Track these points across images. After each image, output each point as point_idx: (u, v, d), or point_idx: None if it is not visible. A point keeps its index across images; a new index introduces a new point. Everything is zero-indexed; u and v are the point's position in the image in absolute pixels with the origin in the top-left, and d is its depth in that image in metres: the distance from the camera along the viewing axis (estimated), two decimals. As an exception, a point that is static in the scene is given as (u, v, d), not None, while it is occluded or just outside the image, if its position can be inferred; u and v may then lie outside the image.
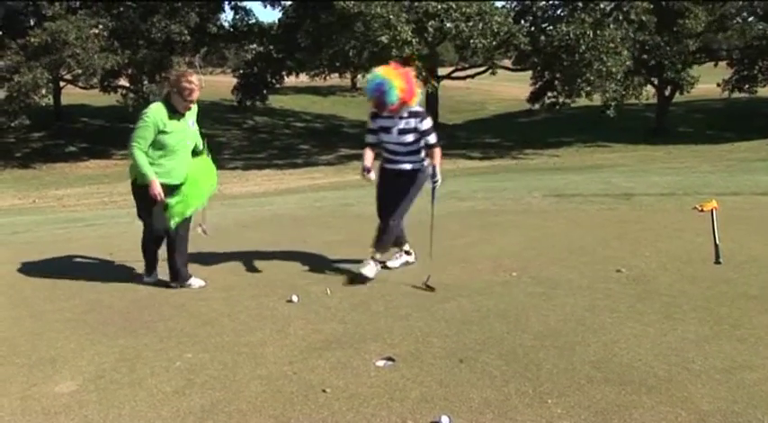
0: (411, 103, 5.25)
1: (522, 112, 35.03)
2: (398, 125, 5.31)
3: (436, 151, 5.38)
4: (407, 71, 5.28)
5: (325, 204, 10.44)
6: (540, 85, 32.02)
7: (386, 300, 4.95)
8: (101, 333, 4.48)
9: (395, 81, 5.10)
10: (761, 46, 31.40)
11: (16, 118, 26.00)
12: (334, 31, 26.72)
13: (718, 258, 5.56)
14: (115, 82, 30.31)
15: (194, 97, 5.17)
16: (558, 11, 31.70)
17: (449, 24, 26.88)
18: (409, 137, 5.34)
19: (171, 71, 27.55)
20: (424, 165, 5.49)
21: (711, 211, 5.92)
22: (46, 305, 5.10)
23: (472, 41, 26.85)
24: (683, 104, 37.51)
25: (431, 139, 5.38)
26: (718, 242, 5.64)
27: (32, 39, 24.98)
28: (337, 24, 26.36)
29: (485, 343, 4.05)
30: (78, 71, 27.46)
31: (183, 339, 4.32)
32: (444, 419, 3.12)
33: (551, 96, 30.86)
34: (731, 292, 4.82)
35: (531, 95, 32.79)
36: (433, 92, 32.54)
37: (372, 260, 5.44)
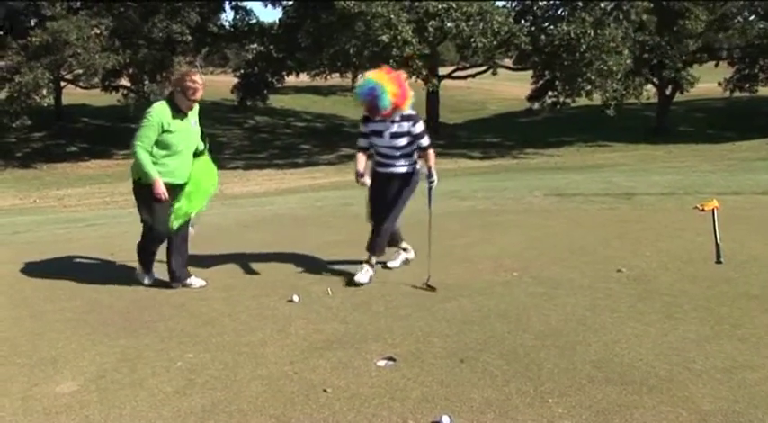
0: (403, 108, 5.21)
1: (523, 111, 34.97)
2: (391, 129, 5.28)
3: (430, 153, 5.37)
4: (399, 75, 5.22)
5: (326, 204, 10.44)
6: (541, 84, 31.99)
7: (387, 300, 4.95)
8: (102, 333, 4.48)
9: (387, 85, 5.04)
10: (762, 45, 31.37)
11: (17, 118, 25.98)
12: (334, 30, 26.72)
13: (719, 258, 5.56)
14: (116, 82, 30.31)
15: (198, 96, 5.14)
16: (559, 10, 31.68)
17: (449, 24, 26.86)
18: (402, 140, 5.31)
19: (175, 70, 27.62)
20: (416, 167, 5.49)
21: (712, 210, 5.92)
22: (47, 305, 5.10)
23: (473, 41, 26.83)
24: (683, 104, 37.47)
25: (423, 141, 5.36)
26: (719, 242, 5.64)
27: (33, 38, 24.99)
28: (338, 24, 26.35)
29: (486, 343, 4.05)
30: (79, 71, 27.46)
31: (183, 339, 4.32)
32: (445, 419, 3.11)
33: (552, 96, 30.85)
34: (732, 292, 4.82)
35: (531, 95, 32.75)
36: (433, 91, 32.55)
37: (367, 264, 5.43)
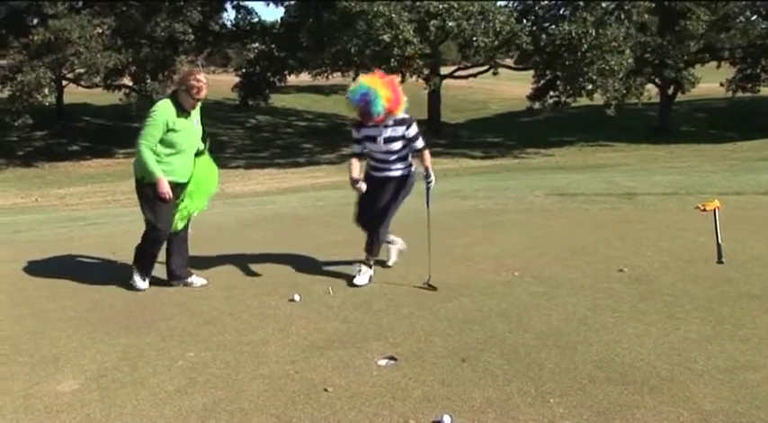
0: (397, 113, 5.19)
1: (525, 111, 34.96)
2: (384, 133, 5.25)
3: (425, 153, 5.36)
4: (392, 80, 5.19)
5: (328, 203, 10.45)
6: (543, 84, 31.97)
7: (388, 299, 4.95)
8: (103, 332, 4.48)
9: (381, 91, 5.01)
10: (764, 45, 31.35)
11: (19, 117, 26.00)
12: (336, 29, 26.73)
13: (720, 258, 5.56)
14: (118, 80, 30.31)
15: (202, 95, 5.11)
16: (561, 10, 31.65)
17: (451, 23, 26.86)
18: (397, 144, 5.30)
19: (177, 69, 27.62)
20: (412, 170, 5.49)
21: (714, 210, 5.91)
22: (48, 304, 5.11)
23: (475, 40, 26.83)
24: (685, 104, 37.45)
25: (418, 144, 5.35)
26: (720, 242, 5.63)
27: (36, 36, 24.99)
28: (340, 23, 26.36)
29: (487, 342, 4.05)
30: (81, 70, 27.46)
31: (185, 338, 4.32)
32: (446, 419, 3.11)
33: (553, 96, 30.83)
34: (734, 292, 4.82)
35: (532, 94, 32.72)
36: (435, 90, 32.57)
37: (365, 265, 5.43)
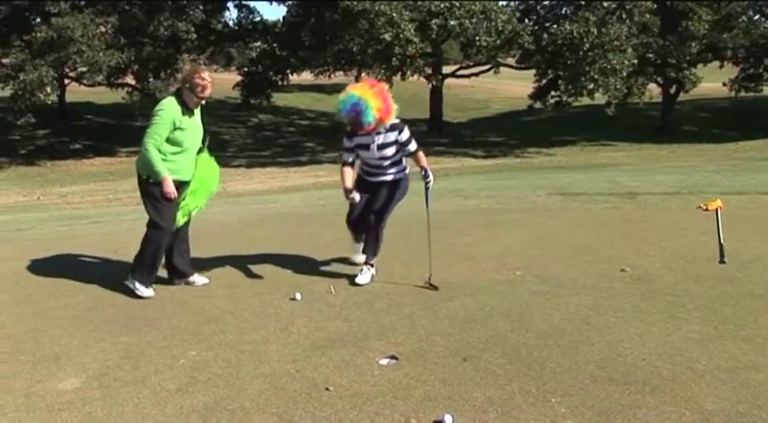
0: (387, 121, 5.18)
1: (527, 110, 34.94)
2: (377, 141, 5.24)
3: (420, 155, 5.36)
4: (382, 88, 5.16)
5: (330, 202, 10.43)
6: (544, 83, 31.93)
7: (389, 298, 4.95)
8: (104, 330, 4.49)
9: (371, 100, 4.99)
10: (767, 44, 31.29)
11: (22, 116, 26.01)
12: (338, 28, 26.73)
13: (722, 258, 5.55)
14: (121, 79, 30.33)
15: (207, 94, 5.07)
16: (563, 9, 31.61)
17: (452, 22, 26.83)
18: (390, 150, 5.30)
19: (180, 68, 27.63)
20: (406, 173, 5.51)
21: (716, 210, 5.90)
22: (50, 302, 5.11)
23: (477, 40, 26.82)
24: (688, 103, 37.39)
25: (411, 147, 5.35)
26: (722, 241, 5.62)
27: (38, 34, 25.01)
28: (342, 22, 26.37)
29: (488, 342, 4.05)
30: (83, 69, 27.48)
31: (186, 337, 4.33)
32: (448, 418, 3.11)
33: (555, 95, 30.80)
34: (736, 292, 4.81)
35: (534, 93, 32.68)
36: (437, 87, 32.57)
37: (366, 265, 5.43)
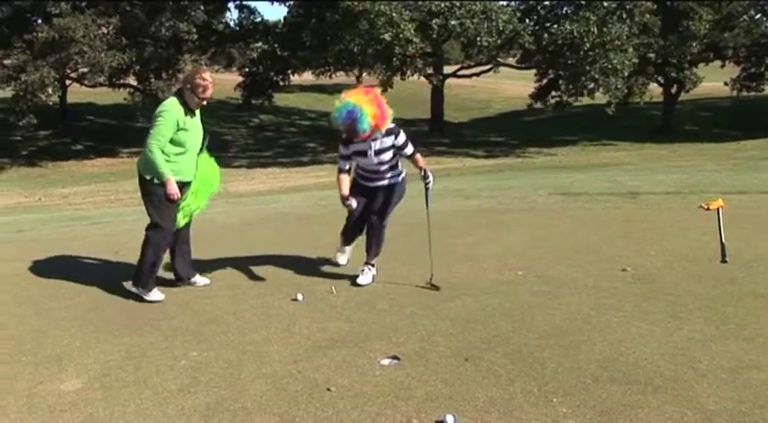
0: (383, 128, 5.17)
1: (528, 110, 34.93)
2: (374, 146, 5.24)
3: (417, 156, 5.37)
4: (377, 95, 5.14)
5: (331, 203, 10.42)
6: (545, 83, 31.91)
7: (391, 298, 4.95)
8: (106, 331, 4.49)
9: (366, 108, 4.98)
10: (768, 44, 31.29)
11: (24, 117, 26.02)
12: (339, 28, 26.75)
13: (724, 257, 5.54)
14: (123, 79, 30.35)
15: (208, 94, 5.04)
16: (564, 9, 31.58)
17: (453, 22, 26.83)
18: (387, 155, 5.31)
19: (184, 68, 27.64)
20: (402, 176, 5.52)
21: (717, 209, 5.90)
22: (51, 303, 5.12)
23: (478, 40, 26.82)
24: (689, 102, 37.37)
25: (408, 150, 5.35)
26: (724, 241, 5.62)
27: (40, 34, 25.02)
28: (342, 22, 26.38)
29: (490, 342, 4.05)
30: (85, 70, 27.49)
31: (188, 338, 4.33)
32: (449, 418, 3.11)
33: (555, 95, 30.78)
34: (737, 292, 4.80)
35: (535, 93, 32.66)
36: (438, 87, 32.57)
37: (367, 265, 5.44)
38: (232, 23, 35.14)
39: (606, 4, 27.06)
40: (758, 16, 33.62)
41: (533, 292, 4.96)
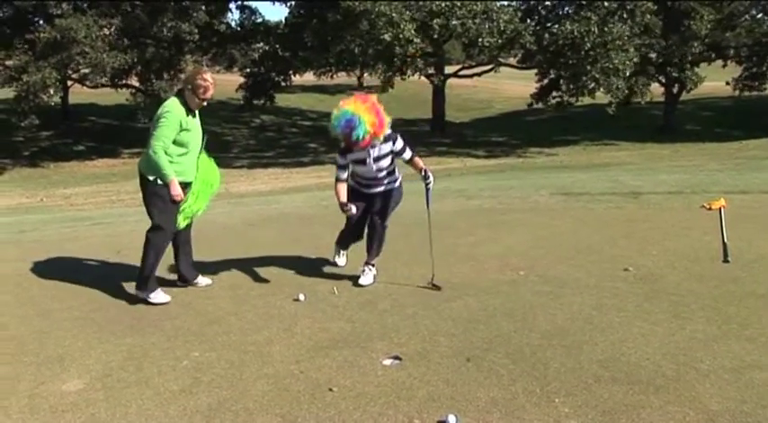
0: (381, 136, 5.16)
1: (529, 110, 34.89)
2: (373, 154, 5.25)
3: (416, 159, 5.38)
4: (374, 103, 5.12)
5: (332, 203, 10.37)
6: (546, 83, 31.88)
7: (393, 299, 4.95)
8: (108, 331, 4.49)
9: (364, 116, 4.97)
10: (770, 43, 31.25)
11: (26, 117, 26.05)
12: (340, 29, 26.76)
13: (726, 257, 5.54)
14: (125, 80, 30.38)
15: (209, 95, 5.02)
16: (565, 8, 31.55)
17: (454, 22, 26.82)
18: (386, 161, 5.32)
19: (186, 68, 27.65)
20: (399, 181, 5.54)
21: (719, 209, 5.89)
22: (53, 303, 5.12)
23: (480, 40, 26.81)
24: (691, 102, 37.34)
25: (406, 155, 5.36)
26: (726, 241, 5.61)
27: (42, 34, 25.05)
28: (343, 22, 26.39)
29: (492, 342, 4.05)
30: (86, 70, 27.52)
31: (189, 338, 4.33)
32: (451, 418, 3.11)
33: (556, 95, 30.76)
34: (740, 291, 4.80)
35: (536, 94, 32.64)
36: (440, 87, 32.56)
37: (368, 266, 5.45)
38: (233, 24, 35.19)
39: (607, 3, 27.04)
40: (760, 15, 33.61)
41: (535, 292, 4.95)
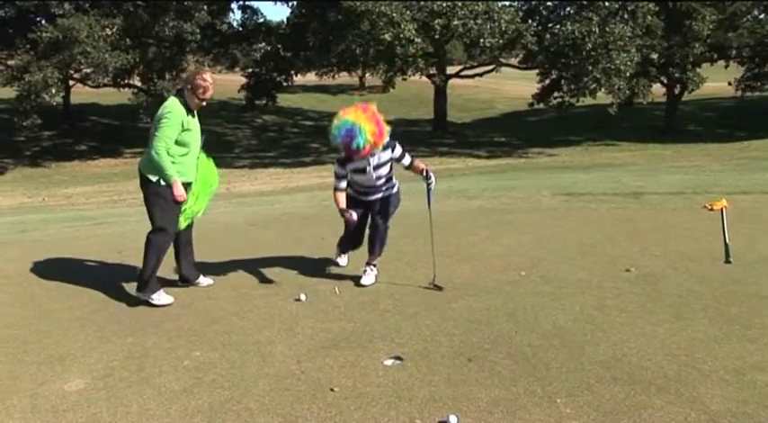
0: (380, 145, 5.15)
1: (531, 110, 34.89)
2: (372, 162, 5.25)
3: (415, 163, 5.38)
4: (374, 112, 5.11)
5: (333, 203, 10.43)
6: (547, 84, 31.87)
7: (394, 299, 4.95)
8: (109, 331, 4.49)
9: (365, 125, 4.97)
10: (772, 43, 31.21)
11: (28, 117, 26.07)
12: (341, 29, 26.77)
13: (728, 257, 5.53)
14: (128, 80, 30.41)
15: (208, 96, 5.01)
16: (566, 9, 31.53)
17: (456, 22, 26.82)
18: (385, 169, 5.33)
19: (188, 68, 27.68)
20: (397, 186, 5.54)
21: (721, 209, 5.89)
22: (54, 304, 5.12)
23: (481, 41, 26.81)
24: (692, 103, 37.32)
25: (405, 161, 5.36)
26: (728, 241, 5.61)
27: (44, 34, 25.08)
28: (344, 22, 26.40)
29: (493, 342, 4.04)
30: (88, 70, 27.55)
31: (191, 338, 4.33)
32: (452, 419, 3.11)
33: (557, 96, 30.75)
34: (741, 292, 4.79)
35: (537, 95, 32.62)
36: (441, 87, 32.56)
37: (369, 266, 5.45)
38: (235, 24, 35.25)
39: (608, 4, 27.03)
40: (762, 16, 33.56)
41: (537, 293, 4.95)
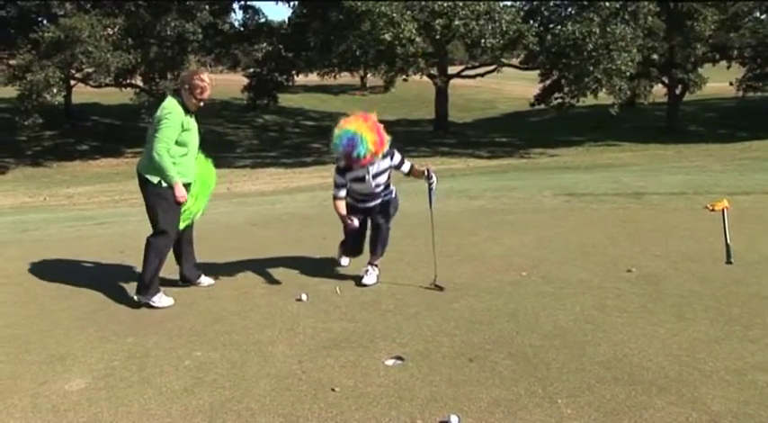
0: (380, 154, 5.15)
1: (532, 111, 34.88)
2: (372, 171, 5.25)
3: (414, 168, 5.40)
4: (375, 121, 5.11)
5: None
6: (548, 84, 31.86)
7: (395, 299, 4.94)
8: (110, 331, 4.50)
9: (366, 134, 4.96)
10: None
11: (29, 117, 26.09)
12: (342, 29, 26.79)
13: (729, 258, 5.53)
14: (129, 80, 30.42)
15: (206, 96, 4.98)
16: (567, 10, 31.53)
17: (457, 22, 26.82)
18: (384, 176, 5.34)
19: (190, 68, 27.69)
20: (395, 192, 5.55)
21: (722, 210, 5.89)
22: (55, 303, 5.12)
23: (483, 42, 26.81)
24: (694, 103, 37.29)
25: (405, 168, 5.37)
26: (729, 242, 5.61)
27: (46, 34, 25.10)
28: (345, 22, 26.42)
29: (494, 342, 4.04)
30: (90, 70, 27.57)
31: (192, 338, 4.33)
32: (453, 419, 3.11)
33: (558, 97, 30.74)
34: (743, 293, 4.79)
35: (538, 95, 32.61)
36: (443, 88, 32.56)
37: (371, 266, 5.45)
38: (237, 24, 35.26)
39: (609, 4, 27.01)
40: (764, 16, 33.55)
41: (538, 293, 4.95)
